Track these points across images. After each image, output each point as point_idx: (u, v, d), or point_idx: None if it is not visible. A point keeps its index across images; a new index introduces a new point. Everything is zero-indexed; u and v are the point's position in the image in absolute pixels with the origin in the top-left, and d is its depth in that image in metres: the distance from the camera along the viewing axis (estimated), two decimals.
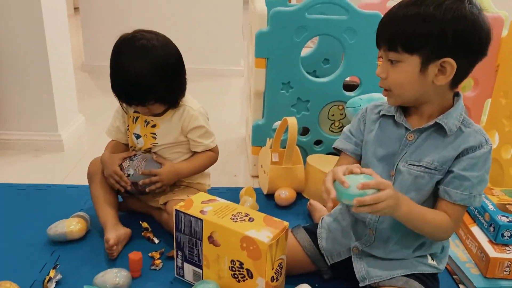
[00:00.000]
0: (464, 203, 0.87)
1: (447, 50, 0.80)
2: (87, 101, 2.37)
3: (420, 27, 0.80)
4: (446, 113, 0.87)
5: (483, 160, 0.86)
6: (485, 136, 0.88)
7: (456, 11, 0.79)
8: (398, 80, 0.85)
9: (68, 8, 5.16)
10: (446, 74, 0.82)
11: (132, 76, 1.12)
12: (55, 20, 1.74)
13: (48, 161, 1.73)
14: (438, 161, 0.88)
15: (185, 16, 2.89)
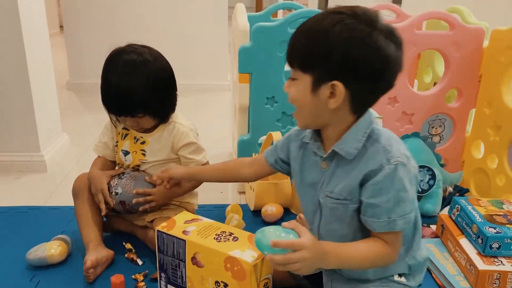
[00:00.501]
0: (385, 229, 0.81)
1: (336, 73, 0.77)
2: (72, 119, 2.34)
3: (311, 46, 0.78)
4: (341, 139, 0.84)
5: (388, 182, 0.79)
6: (387, 155, 0.80)
7: (351, 32, 0.75)
8: (294, 96, 0.84)
9: (54, 27, 5.16)
10: (336, 97, 0.79)
11: (123, 86, 1.11)
12: (36, 39, 1.72)
13: (30, 182, 1.69)
14: (345, 190, 0.84)
15: (171, 32, 2.89)
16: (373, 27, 0.76)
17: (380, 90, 0.82)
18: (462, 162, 1.65)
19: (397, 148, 0.82)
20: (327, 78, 0.78)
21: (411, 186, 0.82)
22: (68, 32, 2.91)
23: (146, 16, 2.87)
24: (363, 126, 0.83)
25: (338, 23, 0.76)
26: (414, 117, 1.56)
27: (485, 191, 1.51)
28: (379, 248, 0.83)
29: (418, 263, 0.93)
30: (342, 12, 0.78)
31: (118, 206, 1.19)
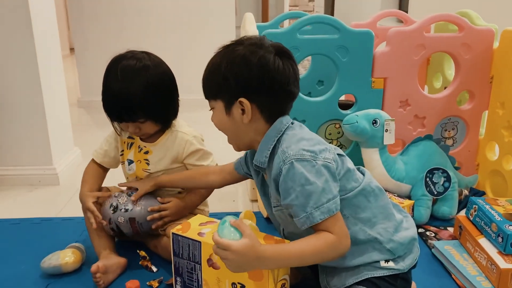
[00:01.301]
0: (308, 225, 0.83)
1: (237, 92, 0.88)
2: (83, 135, 2.36)
3: (211, 76, 0.91)
4: (257, 150, 0.92)
5: (289, 181, 0.83)
6: (283, 157, 0.85)
7: (232, 56, 0.88)
8: (216, 123, 0.95)
9: (64, 49, 5.33)
10: (246, 112, 0.88)
11: (122, 91, 1.11)
12: (49, 60, 1.77)
13: (43, 195, 1.70)
14: (274, 197, 0.92)
15: (179, 51, 2.94)
16: (258, 47, 0.88)
17: (282, 98, 0.91)
18: (477, 165, 1.63)
19: (295, 147, 0.85)
20: (233, 98, 0.89)
21: (319, 178, 0.83)
22: (79, 52, 2.99)
23: (154, 36, 2.92)
24: (272, 135, 0.90)
25: (226, 53, 0.90)
26: (426, 120, 1.55)
27: (502, 193, 1.49)
28: (327, 238, 0.83)
29: (399, 245, 0.92)
30: (232, 43, 0.91)
31: (125, 224, 1.15)
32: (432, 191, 1.41)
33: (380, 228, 0.91)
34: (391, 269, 0.91)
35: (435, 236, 1.33)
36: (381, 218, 0.92)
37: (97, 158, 1.28)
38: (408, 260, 0.93)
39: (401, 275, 0.92)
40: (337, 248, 0.84)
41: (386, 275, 0.90)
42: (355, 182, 0.91)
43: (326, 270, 0.96)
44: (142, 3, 2.89)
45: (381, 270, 0.90)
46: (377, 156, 1.42)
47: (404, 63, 1.48)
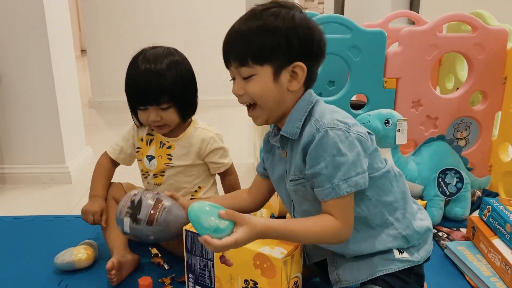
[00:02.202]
0: (331, 196, 0.82)
1: (295, 55, 0.84)
2: (94, 135, 2.39)
3: (266, 38, 0.83)
4: (286, 122, 0.89)
5: (320, 149, 0.82)
6: (317, 124, 0.83)
7: (293, 19, 0.84)
8: (257, 92, 0.86)
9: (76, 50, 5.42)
10: (298, 78, 0.85)
11: (152, 70, 1.12)
12: (63, 60, 1.80)
13: (55, 193, 1.72)
14: (296, 171, 0.88)
15: (191, 52, 2.92)
16: (300, 11, 0.86)
17: (321, 62, 0.89)
18: (490, 166, 1.61)
19: (329, 117, 0.84)
20: (287, 63, 0.84)
21: (351, 150, 0.82)
22: (91, 54, 3.02)
23: (165, 37, 2.92)
24: (303, 105, 0.88)
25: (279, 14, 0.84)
26: (438, 121, 1.54)
27: None
28: (328, 221, 0.83)
29: (415, 233, 0.91)
30: (272, 6, 0.86)
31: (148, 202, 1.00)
32: (445, 191, 1.41)
33: (399, 214, 0.91)
34: (405, 261, 0.89)
35: (448, 237, 1.32)
36: (401, 203, 0.91)
37: (113, 154, 1.28)
38: (423, 252, 0.92)
39: (415, 269, 0.91)
40: (339, 234, 0.84)
41: (400, 270, 0.89)
42: (381, 163, 0.90)
43: (335, 261, 0.95)
44: (153, 5, 2.92)
45: (395, 262, 0.89)
46: (389, 156, 1.41)
47: (417, 63, 1.47)
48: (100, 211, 1.17)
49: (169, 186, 1.26)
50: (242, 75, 0.86)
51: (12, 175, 1.78)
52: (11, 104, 1.72)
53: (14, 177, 1.78)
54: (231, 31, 0.87)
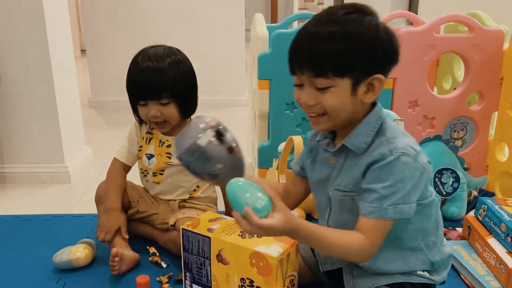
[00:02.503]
0: (375, 216, 0.80)
1: (377, 66, 0.79)
2: (93, 134, 2.39)
3: (351, 48, 0.76)
4: (352, 132, 0.84)
5: (387, 171, 0.79)
6: (390, 147, 0.80)
7: (377, 28, 0.78)
8: (332, 104, 0.80)
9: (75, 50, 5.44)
10: (375, 90, 0.81)
11: (154, 66, 1.14)
12: (62, 60, 1.80)
13: (55, 193, 1.72)
14: (351, 182, 0.85)
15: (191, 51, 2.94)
16: (378, 17, 0.80)
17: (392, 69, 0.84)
18: (486, 166, 1.62)
19: (402, 141, 0.81)
20: (367, 74, 0.79)
21: (412, 180, 0.80)
22: (90, 54, 3.03)
23: (165, 37, 2.92)
24: (373, 121, 0.84)
25: (362, 22, 0.77)
26: (435, 121, 1.55)
27: (511, 194, 1.48)
28: (356, 238, 0.81)
29: (441, 260, 0.92)
30: (352, 11, 0.79)
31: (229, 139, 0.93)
32: (441, 191, 1.41)
33: (430, 240, 0.90)
34: (426, 278, 0.90)
35: (444, 236, 1.33)
36: (434, 230, 0.91)
37: (122, 157, 1.28)
38: (443, 274, 0.93)
39: (431, 286, 0.92)
40: (362, 254, 0.82)
41: (419, 282, 0.89)
42: (429, 191, 0.88)
43: (352, 271, 0.94)
44: (153, 5, 2.92)
45: (416, 277, 0.89)
46: None
47: (414, 64, 1.48)
48: (116, 228, 1.17)
49: (168, 184, 1.27)
50: (317, 85, 0.79)
51: (12, 175, 1.79)
52: (10, 104, 1.73)
53: (13, 177, 1.78)
54: (306, 34, 0.80)
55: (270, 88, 1.49)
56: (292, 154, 1.49)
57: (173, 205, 1.28)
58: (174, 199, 1.28)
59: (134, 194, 1.30)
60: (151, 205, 1.30)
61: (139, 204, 1.30)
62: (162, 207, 1.29)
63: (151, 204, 1.30)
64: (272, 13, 6.78)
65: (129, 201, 1.29)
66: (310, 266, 1.04)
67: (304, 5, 6.67)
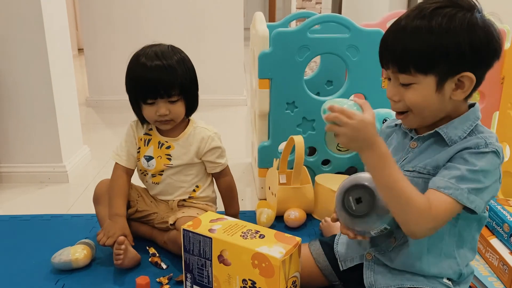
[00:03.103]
0: (448, 192, 0.76)
1: (465, 64, 0.76)
2: (91, 134, 2.38)
3: (434, 43, 0.75)
4: (449, 123, 0.83)
5: (478, 158, 0.77)
6: (486, 140, 0.79)
7: (469, 24, 0.75)
8: (415, 101, 0.80)
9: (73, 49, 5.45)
10: (465, 88, 0.78)
11: (159, 64, 1.13)
12: (60, 59, 1.79)
13: (52, 192, 1.71)
14: (431, 164, 0.83)
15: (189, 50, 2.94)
16: (479, 11, 0.77)
17: (490, 68, 0.81)
18: None
19: (497, 143, 0.81)
20: (454, 72, 0.77)
21: (491, 179, 0.78)
22: (88, 52, 3.01)
23: (162, 38, 2.89)
24: (471, 118, 0.83)
25: (453, 17, 0.75)
26: None
27: None
28: (422, 201, 0.76)
29: (467, 274, 0.91)
30: (445, 5, 0.77)
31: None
32: None
33: (464, 251, 0.89)
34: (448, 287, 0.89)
35: None
36: (469, 242, 0.89)
37: (122, 161, 1.25)
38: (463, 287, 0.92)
39: None
40: (420, 219, 0.76)
41: None
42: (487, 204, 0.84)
43: (374, 266, 0.93)
44: (151, 4, 2.91)
45: (440, 285, 0.88)
46: None
47: None
48: (120, 234, 1.15)
49: (167, 185, 1.26)
50: (401, 81, 0.80)
51: (9, 174, 1.77)
52: (8, 103, 1.71)
53: (11, 176, 1.77)
54: (393, 29, 0.79)
55: (270, 87, 1.48)
56: (292, 154, 1.48)
57: (172, 205, 1.27)
58: (173, 199, 1.27)
59: (133, 193, 1.29)
60: (150, 205, 1.29)
61: (138, 203, 1.29)
62: (162, 207, 1.28)
63: (150, 203, 1.29)
64: (270, 13, 6.78)
65: (128, 201, 1.27)
66: (322, 268, 1.02)
67: (302, 4, 6.66)
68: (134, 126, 1.26)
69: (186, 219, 1.12)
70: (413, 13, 0.78)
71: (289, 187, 1.42)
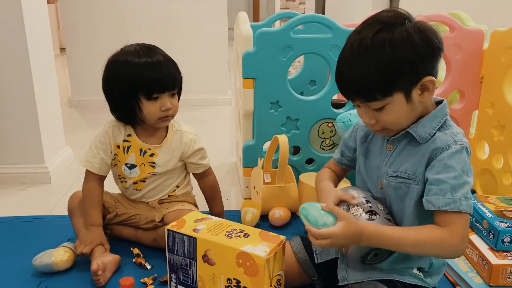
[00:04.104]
0: (450, 207, 0.80)
1: (421, 71, 0.81)
2: (74, 134, 2.35)
3: (387, 67, 0.79)
4: (418, 122, 0.87)
5: (454, 160, 0.82)
6: (455, 138, 0.84)
7: (409, 39, 0.79)
8: (391, 121, 0.85)
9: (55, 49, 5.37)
10: (430, 90, 0.83)
11: (163, 59, 1.14)
12: (42, 59, 1.76)
13: (34, 194, 1.68)
14: (410, 169, 0.87)
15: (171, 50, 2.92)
16: (409, 21, 0.81)
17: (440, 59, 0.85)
18: None
19: (464, 139, 0.85)
20: (415, 82, 0.82)
21: (471, 175, 0.84)
22: (70, 52, 2.98)
23: (146, 37, 2.87)
24: (439, 116, 0.87)
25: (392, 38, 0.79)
26: None
27: (492, 191, 1.51)
28: (434, 233, 0.81)
29: (438, 264, 0.94)
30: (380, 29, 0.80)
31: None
32: None
33: None
34: (420, 279, 0.91)
35: None
36: None
37: (94, 169, 1.20)
38: (435, 279, 0.94)
39: None
40: (449, 248, 0.82)
41: (411, 284, 0.91)
42: None
43: (347, 263, 0.95)
44: (134, 4, 2.89)
45: (411, 277, 0.91)
46: None
47: None
48: (97, 244, 1.14)
49: (150, 190, 1.25)
50: (372, 107, 0.84)
51: None
52: None
53: None
54: (344, 63, 0.84)
55: (254, 87, 1.48)
56: (277, 153, 1.49)
57: (153, 204, 1.27)
58: (153, 200, 1.27)
59: (109, 199, 1.28)
60: (129, 207, 1.28)
61: (117, 208, 1.27)
62: (142, 207, 1.27)
63: (129, 206, 1.28)
64: (254, 13, 6.79)
65: (105, 207, 1.26)
66: (302, 262, 1.03)
67: (286, 4, 6.68)
68: (110, 132, 1.21)
69: (174, 213, 1.12)
70: (355, 45, 0.82)
71: (274, 186, 1.43)
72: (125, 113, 1.19)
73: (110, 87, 1.17)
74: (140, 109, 1.15)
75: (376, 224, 0.85)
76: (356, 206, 0.89)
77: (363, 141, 0.99)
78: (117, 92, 1.16)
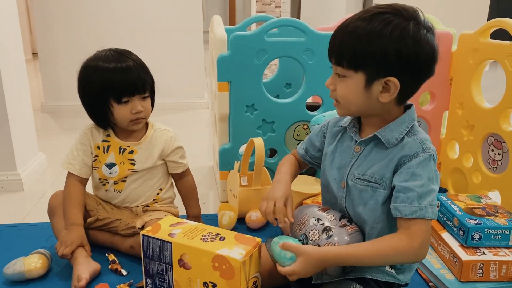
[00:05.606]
0: (417, 215, 0.82)
1: (391, 69, 0.81)
2: (47, 140, 2.31)
3: (364, 45, 0.81)
4: (385, 126, 0.88)
5: (421, 169, 0.84)
6: (423, 145, 0.85)
7: (402, 32, 0.79)
8: (344, 93, 0.87)
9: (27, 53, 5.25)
10: (390, 92, 0.84)
11: (133, 63, 1.15)
12: (12, 64, 1.73)
13: (6, 201, 1.64)
14: (378, 173, 0.89)
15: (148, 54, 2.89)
16: (417, 23, 0.81)
17: (424, 79, 0.87)
18: (439, 164, 1.69)
19: (430, 145, 0.87)
20: (381, 75, 0.82)
21: (437, 183, 0.86)
22: (43, 57, 2.92)
23: (120, 40, 2.87)
24: (407, 121, 0.89)
25: (389, 24, 0.80)
26: None
27: (463, 190, 1.55)
28: (398, 242, 0.83)
29: None
30: (387, 11, 0.82)
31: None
32: None
33: None
34: (392, 276, 0.93)
35: None
36: None
37: (75, 171, 1.21)
38: (407, 276, 0.95)
39: (395, 286, 0.95)
40: (412, 255, 0.84)
41: (384, 281, 0.92)
42: None
43: None
44: (107, 7, 2.85)
45: (383, 274, 0.92)
46: None
47: None
48: (78, 244, 1.13)
49: (131, 192, 1.24)
50: (338, 72, 0.87)
51: None
52: None
53: None
54: (338, 28, 0.85)
55: (230, 90, 1.49)
56: (253, 156, 1.50)
57: (137, 211, 1.26)
58: (137, 206, 1.26)
59: (91, 202, 1.27)
60: (112, 212, 1.27)
61: (98, 212, 1.26)
62: (125, 213, 1.26)
63: (112, 210, 1.27)
64: (230, 16, 6.79)
65: (86, 210, 1.25)
66: None
67: (262, 8, 6.71)
68: (89, 134, 1.22)
69: (156, 221, 1.10)
70: (358, 14, 0.84)
71: (250, 189, 1.43)
72: (99, 117, 1.20)
73: (82, 92, 1.19)
74: (111, 113, 1.17)
75: (335, 247, 0.87)
76: (312, 231, 0.92)
77: (331, 142, 1.00)
78: (89, 97, 1.18)
